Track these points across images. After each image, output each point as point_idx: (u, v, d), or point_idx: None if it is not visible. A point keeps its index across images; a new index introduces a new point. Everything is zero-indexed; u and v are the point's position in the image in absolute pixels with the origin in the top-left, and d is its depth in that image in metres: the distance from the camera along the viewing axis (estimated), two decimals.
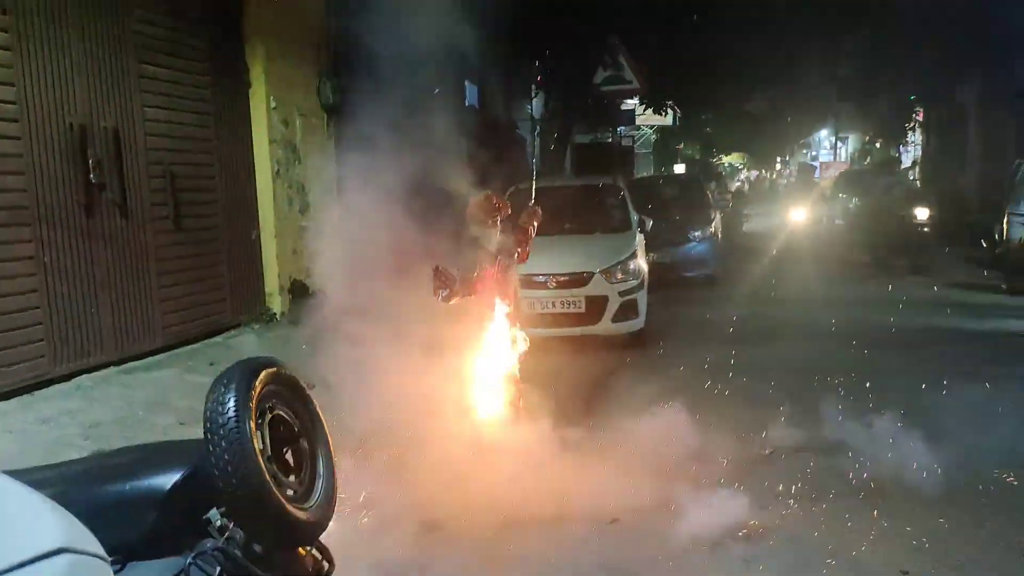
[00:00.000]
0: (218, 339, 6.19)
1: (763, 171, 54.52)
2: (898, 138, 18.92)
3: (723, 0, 11.48)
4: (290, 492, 2.00)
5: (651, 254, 10.10)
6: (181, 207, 5.86)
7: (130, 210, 5.37)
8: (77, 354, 4.97)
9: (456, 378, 4.68)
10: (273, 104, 6.77)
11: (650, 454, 4.33)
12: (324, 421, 2.18)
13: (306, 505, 2.00)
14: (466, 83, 11.43)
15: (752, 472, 4.21)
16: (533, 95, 12.16)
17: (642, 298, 7.04)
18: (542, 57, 10.49)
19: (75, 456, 4.08)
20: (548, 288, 6.79)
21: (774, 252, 16.32)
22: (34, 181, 4.63)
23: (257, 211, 6.80)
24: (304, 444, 2.12)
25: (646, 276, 7.36)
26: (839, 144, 35.06)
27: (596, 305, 6.79)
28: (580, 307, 6.78)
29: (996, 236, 10.99)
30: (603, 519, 3.70)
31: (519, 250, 4.57)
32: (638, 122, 20.54)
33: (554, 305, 6.79)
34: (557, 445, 4.52)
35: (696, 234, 10.88)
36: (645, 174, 23.52)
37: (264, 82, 6.68)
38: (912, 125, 18.53)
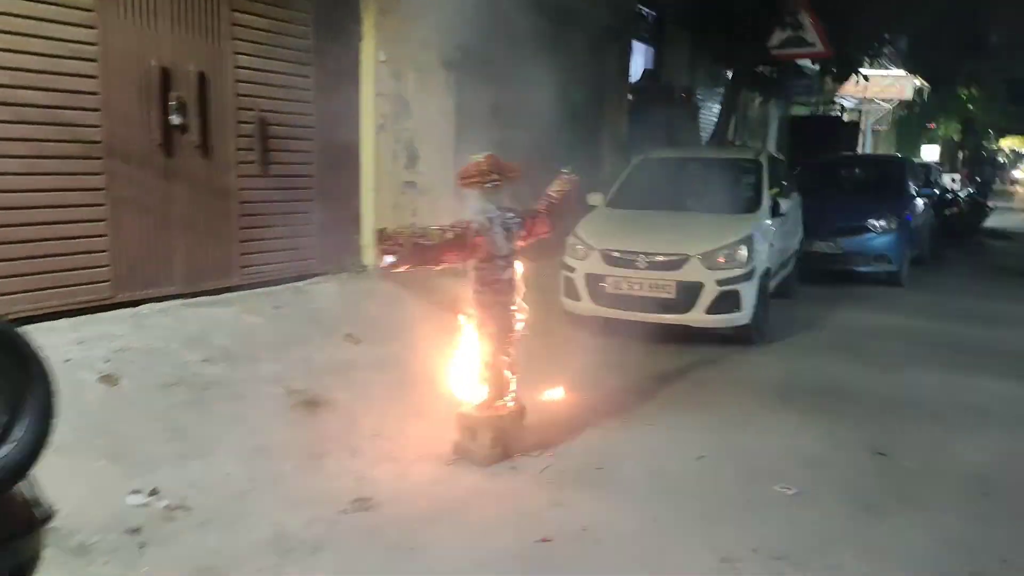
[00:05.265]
0: (299, 284, 6.37)
1: None
2: None
3: None
4: None
5: (816, 242, 9.02)
6: (271, 153, 6.06)
7: (212, 152, 5.63)
8: (144, 283, 5.33)
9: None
10: (382, 57, 6.76)
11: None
12: (44, 363, 2.02)
13: None
14: (633, 45, 10.72)
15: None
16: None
17: (748, 289, 6.20)
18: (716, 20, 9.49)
19: (87, 377, 4.41)
20: (638, 268, 6.20)
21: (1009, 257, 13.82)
22: (108, 118, 4.98)
23: (359, 163, 6.87)
24: None
25: (763, 265, 6.47)
26: None
27: (688, 293, 6.11)
28: (670, 293, 6.12)
29: None
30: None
31: (531, 221, 4.12)
32: (869, 94, 18.22)
33: (641, 287, 6.19)
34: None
35: (879, 223, 9.42)
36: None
37: (374, 36, 6.67)
38: None
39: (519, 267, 4.11)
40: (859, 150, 19.67)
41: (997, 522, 3.55)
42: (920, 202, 10.63)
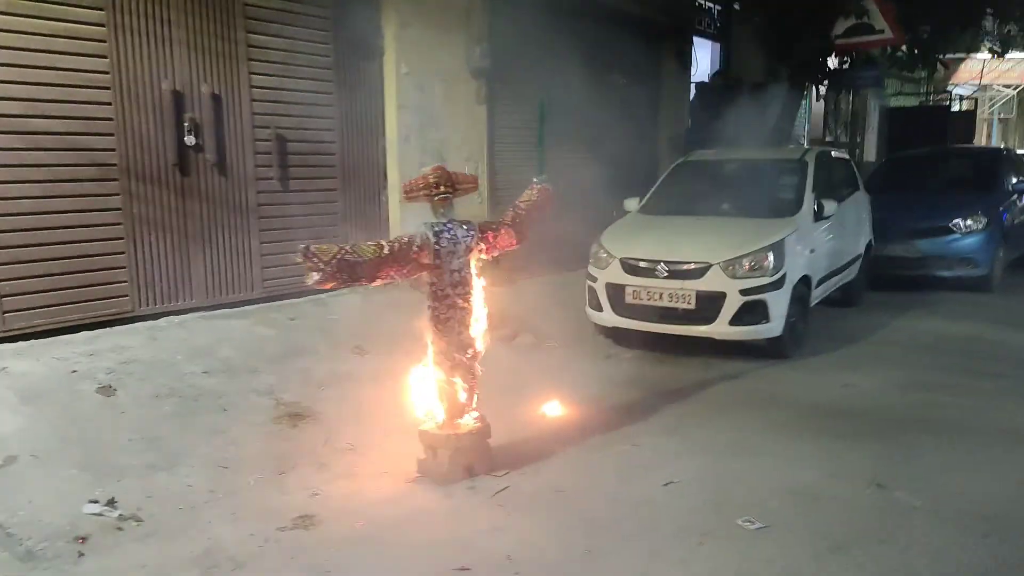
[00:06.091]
0: (322, 296, 6.48)
1: None
2: None
3: None
4: None
5: (889, 245, 8.43)
6: (291, 169, 6.22)
7: (229, 170, 5.84)
8: (164, 297, 5.60)
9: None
10: (404, 70, 6.80)
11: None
12: None
13: None
14: (697, 41, 10.27)
15: None
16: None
17: (778, 299, 5.80)
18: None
19: (86, 387, 4.64)
20: (658, 277, 5.93)
21: None
22: (124, 142, 5.25)
23: (386, 175, 6.95)
24: None
25: (798, 273, 6.05)
26: None
27: (709, 303, 5.78)
28: (690, 303, 5.81)
29: None
30: None
31: (492, 233, 4.00)
32: (986, 80, 16.67)
33: (661, 297, 5.91)
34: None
35: (964, 223, 8.59)
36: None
37: (395, 48, 6.73)
38: None
39: (478, 281, 4.00)
40: (977, 142, 18.10)
41: (987, 571, 3.12)
42: (1022, 199, 9.62)
